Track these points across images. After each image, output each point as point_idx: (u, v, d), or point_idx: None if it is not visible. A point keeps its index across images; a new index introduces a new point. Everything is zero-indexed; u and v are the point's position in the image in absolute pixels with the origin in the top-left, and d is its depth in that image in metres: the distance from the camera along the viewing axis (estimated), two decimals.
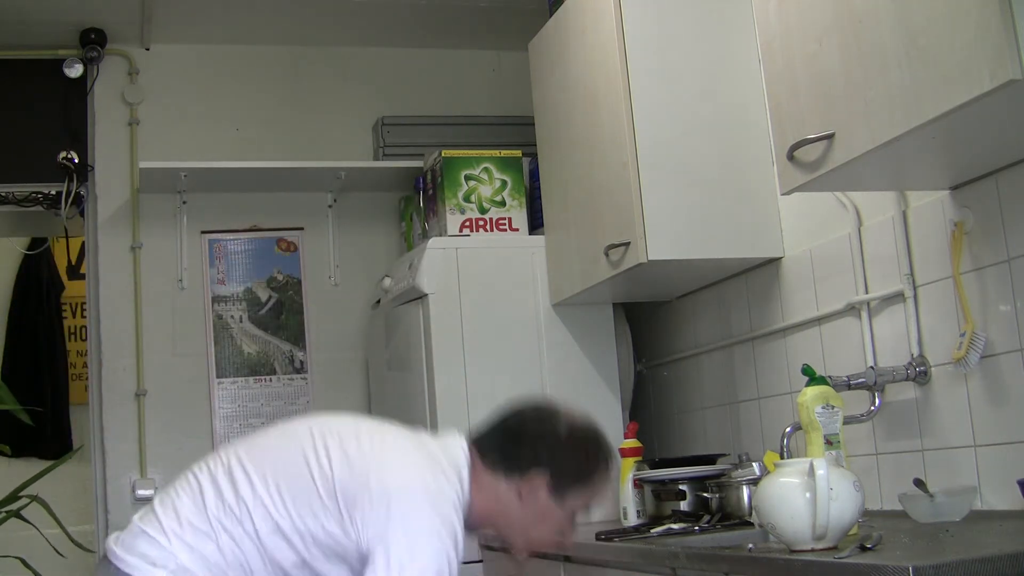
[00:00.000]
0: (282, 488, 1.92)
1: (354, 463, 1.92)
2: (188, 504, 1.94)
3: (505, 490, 2.00)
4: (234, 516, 1.92)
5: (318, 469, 1.92)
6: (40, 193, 4.43)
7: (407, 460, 1.95)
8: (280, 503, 1.91)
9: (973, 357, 2.10)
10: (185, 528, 1.92)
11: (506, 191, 3.39)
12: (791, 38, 2.05)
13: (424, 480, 1.91)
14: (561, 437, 2.01)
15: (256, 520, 1.91)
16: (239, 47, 4.03)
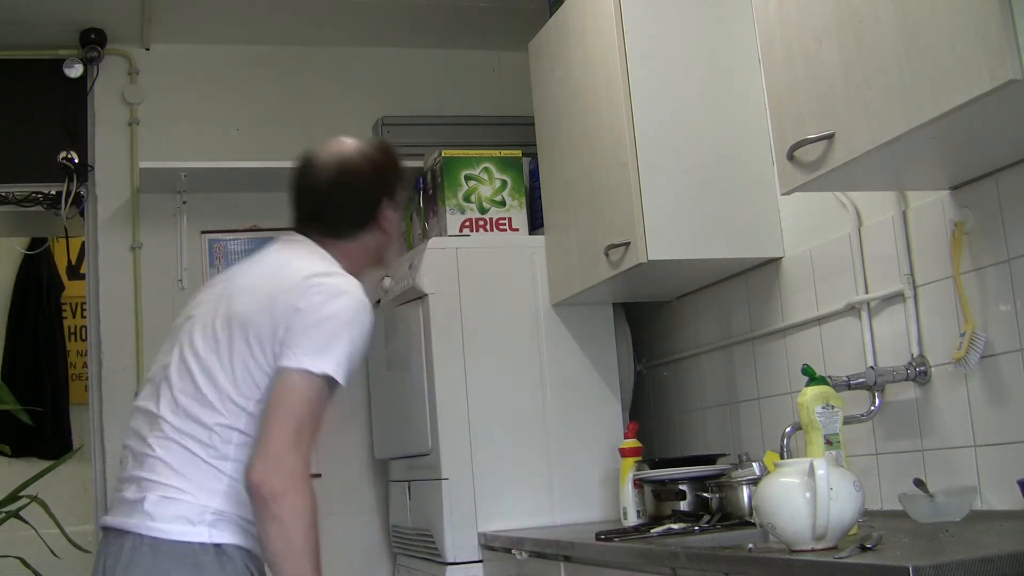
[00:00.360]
0: (231, 395, 1.99)
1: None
2: (178, 456, 1.98)
3: (369, 240, 2.18)
4: (219, 451, 1.97)
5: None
6: (40, 193, 4.43)
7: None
8: (237, 408, 1.99)
9: (973, 357, 2.10)
10: (192, 478, 1.95)
11: (506, 191, 3.39)
12: (791, 38, 2.05)
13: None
14: (369, 168, 2.17)
15: (234, 439, 1.98)
16: (239, 47, 4.03)
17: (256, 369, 1.99)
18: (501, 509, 3.09)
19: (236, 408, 1.99)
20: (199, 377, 2.01)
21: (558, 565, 2.56)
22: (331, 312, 1.98)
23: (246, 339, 2.00)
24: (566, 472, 3.18)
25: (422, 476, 3.23)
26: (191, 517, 1.94)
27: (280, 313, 1.98)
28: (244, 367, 1.99)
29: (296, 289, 2.00)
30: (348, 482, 3.84)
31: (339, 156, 2.19)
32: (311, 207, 2.18)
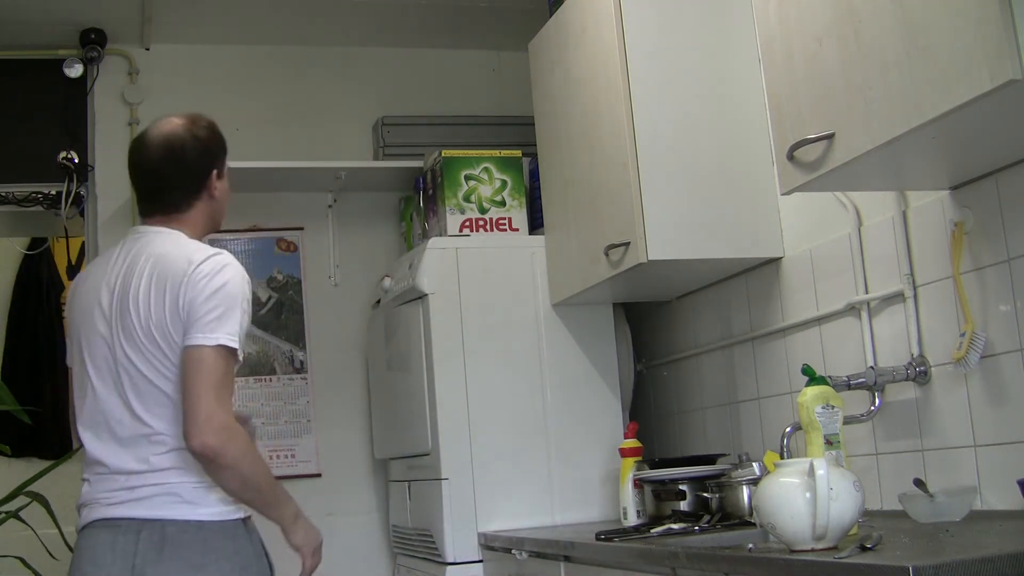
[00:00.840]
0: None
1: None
2: (151, 452, 2.17)
3: (203, 207, 2.37)
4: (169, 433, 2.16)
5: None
6: (40, 193, 4.43)
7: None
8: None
9: (973, 357, 2.10)
10: (176, 462, 2.15)
11: (506, 191, 3.39)
12: (791, 38, 2.05)
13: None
14: (194, 142, 2.41)
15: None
16: (239, 47, 4.03)
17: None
18: (501, 509, 3.09)
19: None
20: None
21: (558, 565, 2.56)
22: (216, 287, 2.17)
23: (169, 344, 2.17)
24: (566, 472, 3.18)
25: (422, 476, 3.23)
26: (210, 484, 2.16)
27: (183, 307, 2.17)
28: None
29: (186, 279, 2.18)
30: (348, 482, 3.84)
31: (166, 135, 2.40)
32: (147, 186, 2.41)
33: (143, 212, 2.41)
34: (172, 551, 2.11)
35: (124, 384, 2.20)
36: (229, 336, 2.13)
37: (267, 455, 3.80)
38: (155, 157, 2.39)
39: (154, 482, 2.16)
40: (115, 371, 2.21)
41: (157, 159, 2.39)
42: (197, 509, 2.14)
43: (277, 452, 3.80)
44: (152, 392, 2.17)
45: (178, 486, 2.15)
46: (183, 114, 2.47)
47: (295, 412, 3.85)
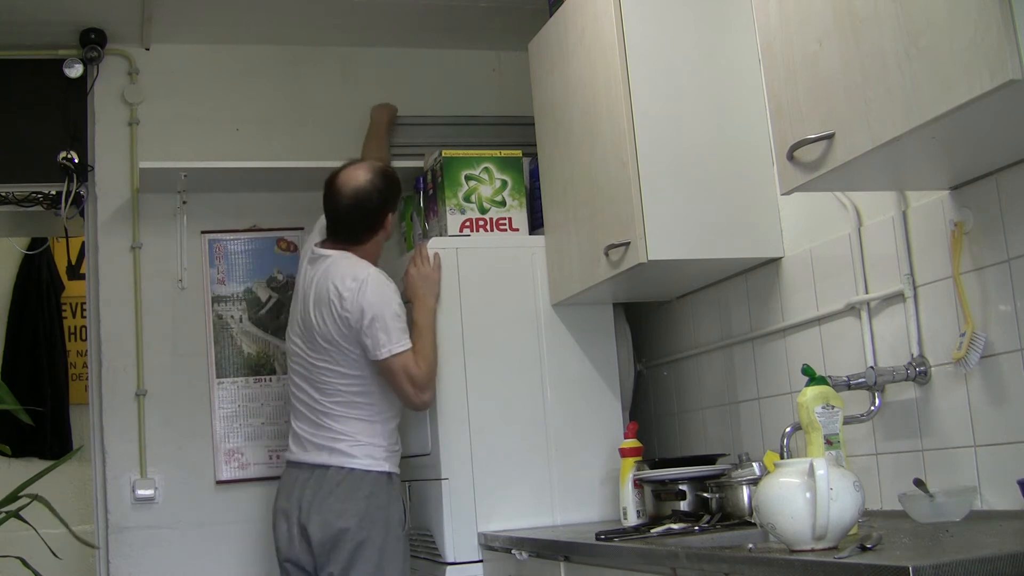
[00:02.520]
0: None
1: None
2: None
3: (376, 242, 3.13)
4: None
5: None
6: (40, 193, 4.43)
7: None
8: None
9: (973, 357, 2.10)
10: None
11: (506, 191, 3.39)
12: (791, 38, 2.05)
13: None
14: (375, 192, 3.06)
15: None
16: (239, 47, 4.03)
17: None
18: (501, 509, 3.09)
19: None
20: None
21: (558, 565, 2.56)
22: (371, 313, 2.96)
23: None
24: (566, 472, 3.18)
25: (422, 476, 3.23)
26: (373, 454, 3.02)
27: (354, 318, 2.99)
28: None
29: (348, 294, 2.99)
30: None
31: (354, 189, 3.06)
32: (337, 226, 3.12)
33: (330, 237, 3.16)
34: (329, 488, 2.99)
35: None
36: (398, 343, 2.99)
37: (268, 455, 3.81)
38: (344, 205, 3.07)
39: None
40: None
41: (345, 208, 3.08)
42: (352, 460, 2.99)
43: (277, 452, 3.80)
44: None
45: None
46: (370, 166, 3.12)
47: None
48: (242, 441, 3.79)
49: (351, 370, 3.01)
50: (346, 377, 3.02)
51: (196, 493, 3.74)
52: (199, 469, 3.75)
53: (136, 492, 3.67)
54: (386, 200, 3.08)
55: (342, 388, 3.02)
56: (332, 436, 3.02)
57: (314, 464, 3.03)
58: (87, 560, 4.10)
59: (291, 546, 3.04)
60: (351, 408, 3.02)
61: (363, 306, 2.94)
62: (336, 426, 3.02)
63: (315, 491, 2.99)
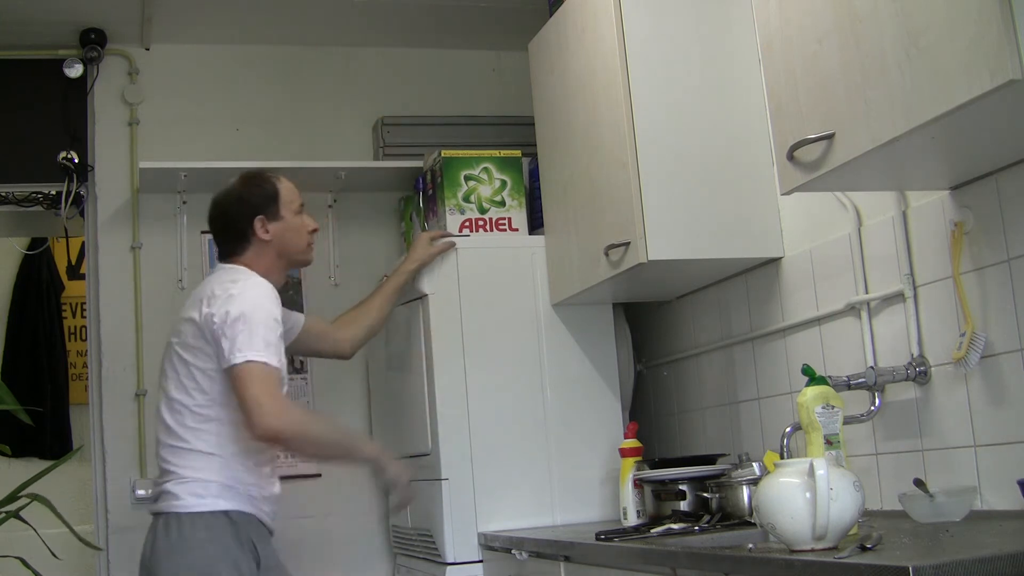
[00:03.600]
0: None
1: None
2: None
3: (257, 250, 2.81)
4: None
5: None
6: (40, 193, 4.43)
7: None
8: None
9: (973, 357, 2.10)
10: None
11: (506, 191, 3.39)
12: (791, 38, 2.05)
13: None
14: (235, 200, 2.84)
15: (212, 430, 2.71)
16: (239, 47, 4.03)
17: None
18: (501, 509, 3.09)
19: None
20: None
21: (558, 565, 2.56)
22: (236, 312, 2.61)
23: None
24: (566, 472, 3.18)
25: (422, 476, 3.23)
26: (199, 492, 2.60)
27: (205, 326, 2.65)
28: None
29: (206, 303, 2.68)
30: (348, 482, 3.84)
31: (216, 199, 2.87)
32: (214, 240, 2.90)
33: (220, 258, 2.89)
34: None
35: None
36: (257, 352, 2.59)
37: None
38: (211, 218, 2.88)
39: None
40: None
41: (212, 220, 2.88)
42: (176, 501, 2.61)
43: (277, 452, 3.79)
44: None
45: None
46: (238, 176, 2.91)
47: None
48: None
49: (200, 382, 2.65)
50: (192, 393, 2.65)
51: None
52: None
53: (136, 492, 3.67)
54: (250, 205, 2.80)
55: (188, 407, 2.66)
56: (164, 472, 2.66)
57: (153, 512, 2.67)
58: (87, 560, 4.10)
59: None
60: (191, 435, 2.64)
61: (231, 304, 2.61)
62: (170, 458, 2.65)
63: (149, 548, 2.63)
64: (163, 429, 2.69)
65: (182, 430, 2.64)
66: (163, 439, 2.68)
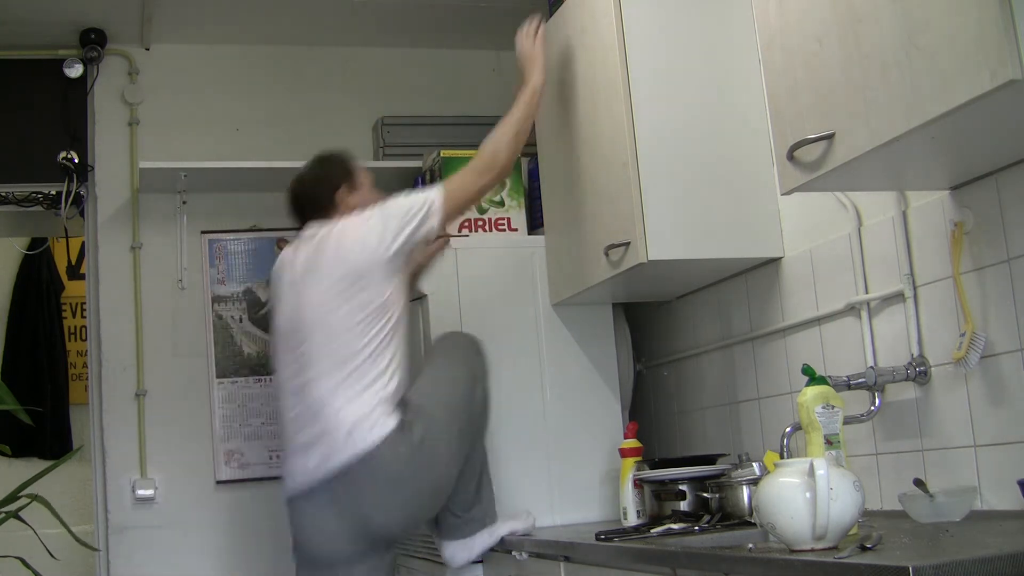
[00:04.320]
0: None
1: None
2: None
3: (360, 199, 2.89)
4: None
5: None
6: (40, 193, 4.43)
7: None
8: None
9: (973, 357, 2.10)
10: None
11: (505, 191, 3.38)
12: (791, 38, 2.05)
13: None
14: (317, 177, 2.96)
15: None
16: (239, 47, 4.04)
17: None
18: (501, 509, 3.08)
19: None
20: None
21: (558, 565, 2.56)
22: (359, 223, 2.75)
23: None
24: (566, 472, 3.18)
25: None
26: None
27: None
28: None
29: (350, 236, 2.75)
30: None
31: (291, 185, 2.96)
32: (301, 221, 2.93)
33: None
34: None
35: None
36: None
37: (267, 455, 3.81)
38: (292, 201, 2.96)
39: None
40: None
41: (294, 203, 2.96)
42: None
43: (277, 452, 3.80)
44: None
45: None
46: (314, 157, 3.03)
47: None
48: (242, 441, 3.79)
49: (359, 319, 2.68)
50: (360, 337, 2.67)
51: (196, 493, 3.74)
52: (199, 469, 3.76)
53: (136, 492, 3.67)
54: (333, 177, 2.91)
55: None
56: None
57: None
58: (87, 560, 4.10)
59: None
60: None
61: (347, 227, 2.73)
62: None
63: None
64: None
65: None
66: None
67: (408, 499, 2.65)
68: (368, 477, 2.59)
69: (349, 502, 2.62)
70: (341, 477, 2.60)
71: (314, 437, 2.65)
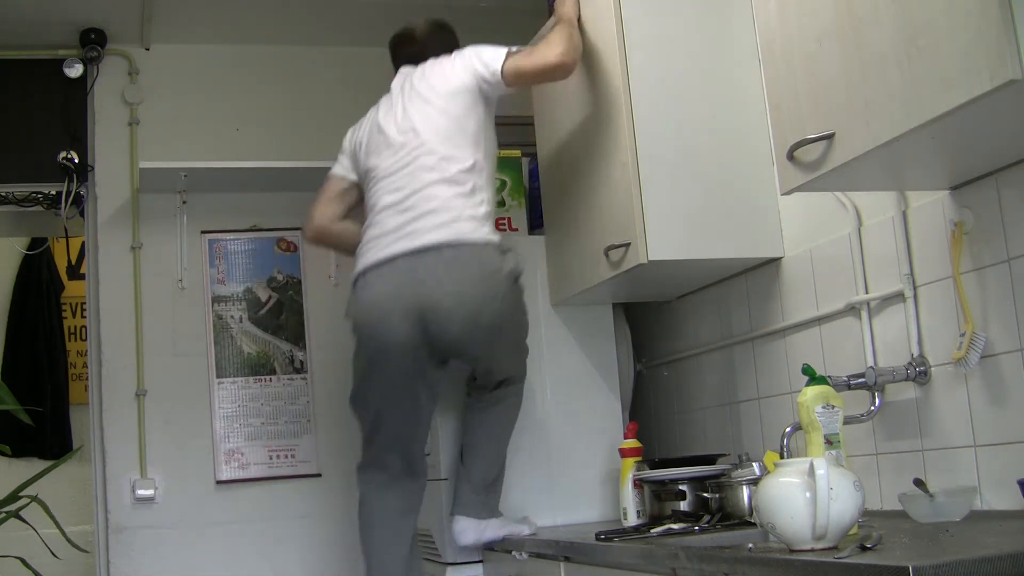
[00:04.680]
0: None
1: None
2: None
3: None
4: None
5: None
6: (40, 193, 4.43)
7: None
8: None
9: (973, 357, 2.10)
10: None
11: (506, 191, 3.39)
12: (791, 38, 2.05)
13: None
14: (434, 26, 3.16)
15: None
16: (239, 47, 4.04)
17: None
18: (501, 509, 3.08)
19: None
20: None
21: (558, 565, 2.56)
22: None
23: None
24: (566, 472, 3.18)
25: None
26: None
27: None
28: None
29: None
30: (348, 482, 3.83)
31: (423, 21, 3.13)
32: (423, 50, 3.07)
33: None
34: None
35: None
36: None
37: (267, 455, 3.81)
38: (421, 34, 3.12)
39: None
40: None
41: (402, 45, 3.11)
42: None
43: (277, 452, 3.80)
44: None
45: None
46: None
47: (295, 412, 3.86)
48: (242, 441, 3.80)
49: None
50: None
51: (196, 493, 3.74)
52: (199, 469, 3.76)
53: (136, 492, 3.67)
54: (450, 42, 3.11)
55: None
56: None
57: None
58: (87, 560, 4.10)
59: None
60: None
61: (462, 51, 2.95)
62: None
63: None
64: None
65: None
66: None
67: (475, 311, 2.69)
68: (457, 262, 2.68)
69: (426, 276, 2.67)
70: (434, 252, 2.68)
71: (414, 217, 2.73)
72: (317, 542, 3.81)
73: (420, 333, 2.70)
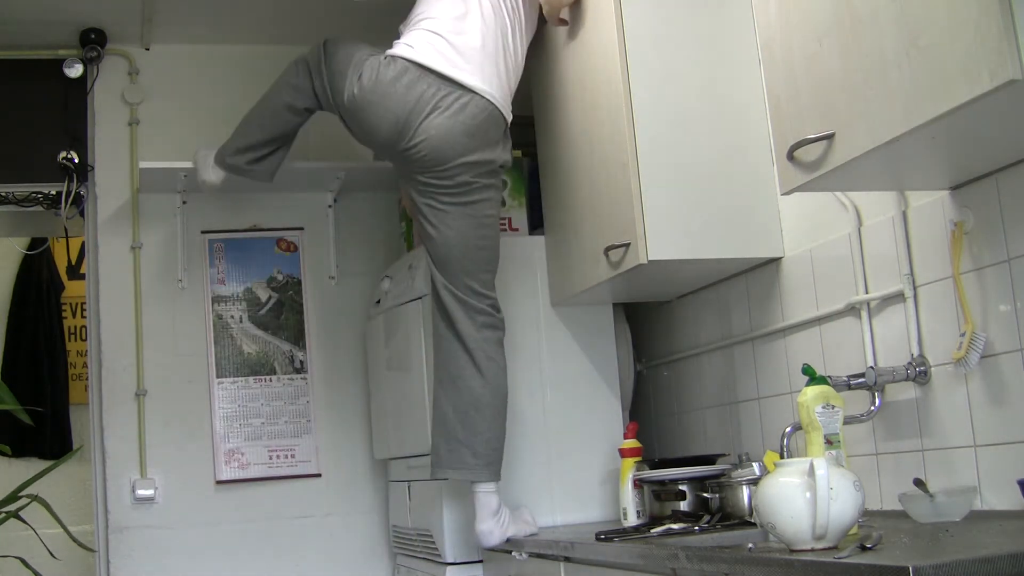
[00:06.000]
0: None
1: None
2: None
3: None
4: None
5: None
6: (40, 193, 4.43)
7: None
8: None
9: (973, 357, 2.10)
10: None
11: (506, 191, 3.38)
12: (791, 38, 2.05)
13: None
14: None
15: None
16: (239, 47, 4.03)
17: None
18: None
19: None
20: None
21: (558, 565, 2.56)
22: None
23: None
24: (566, 472, 3.18)
25: (422, 476, 3.23)
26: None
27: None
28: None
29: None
30: (348, 482, 3.84)
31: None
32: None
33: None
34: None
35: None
36: None
37: (267, 455, 3.81)
38: None
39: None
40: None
41: None
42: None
43: (277, 452, 3.80)
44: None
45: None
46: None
47: (295, 412, 3.85)
48: (242, 441, 3.79)
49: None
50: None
51: (196, 493, 3.74)
52: (199, 469, 3.76)
53: (136, 492, 3.67)
54: None
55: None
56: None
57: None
58: (87, 560, 4.10)
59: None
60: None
61: None
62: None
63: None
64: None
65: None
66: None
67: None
68: (467, 114, 2.91)
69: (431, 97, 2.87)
70: (451, 84, 2.89)
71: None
72: (317, 542, 3.81)
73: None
